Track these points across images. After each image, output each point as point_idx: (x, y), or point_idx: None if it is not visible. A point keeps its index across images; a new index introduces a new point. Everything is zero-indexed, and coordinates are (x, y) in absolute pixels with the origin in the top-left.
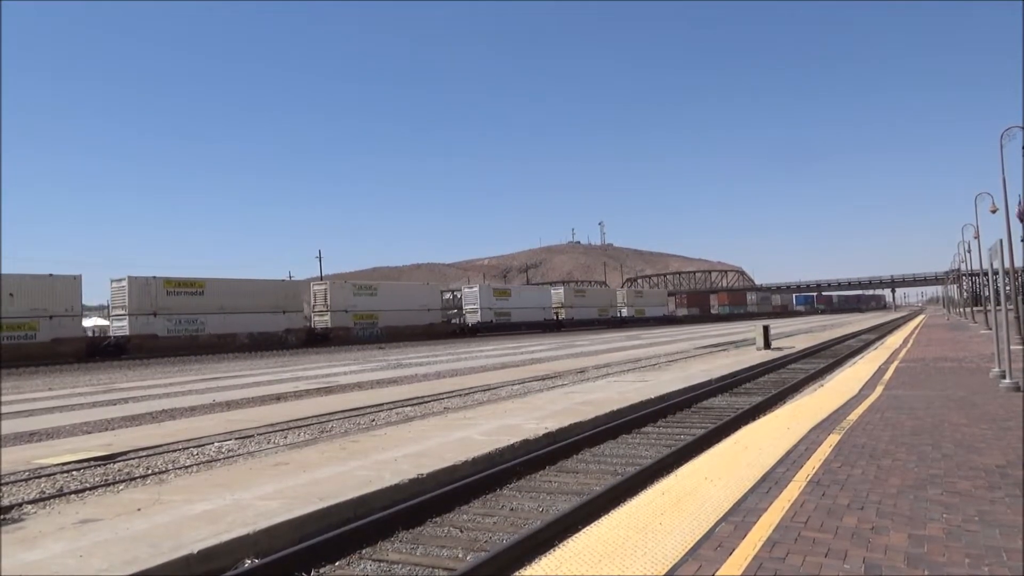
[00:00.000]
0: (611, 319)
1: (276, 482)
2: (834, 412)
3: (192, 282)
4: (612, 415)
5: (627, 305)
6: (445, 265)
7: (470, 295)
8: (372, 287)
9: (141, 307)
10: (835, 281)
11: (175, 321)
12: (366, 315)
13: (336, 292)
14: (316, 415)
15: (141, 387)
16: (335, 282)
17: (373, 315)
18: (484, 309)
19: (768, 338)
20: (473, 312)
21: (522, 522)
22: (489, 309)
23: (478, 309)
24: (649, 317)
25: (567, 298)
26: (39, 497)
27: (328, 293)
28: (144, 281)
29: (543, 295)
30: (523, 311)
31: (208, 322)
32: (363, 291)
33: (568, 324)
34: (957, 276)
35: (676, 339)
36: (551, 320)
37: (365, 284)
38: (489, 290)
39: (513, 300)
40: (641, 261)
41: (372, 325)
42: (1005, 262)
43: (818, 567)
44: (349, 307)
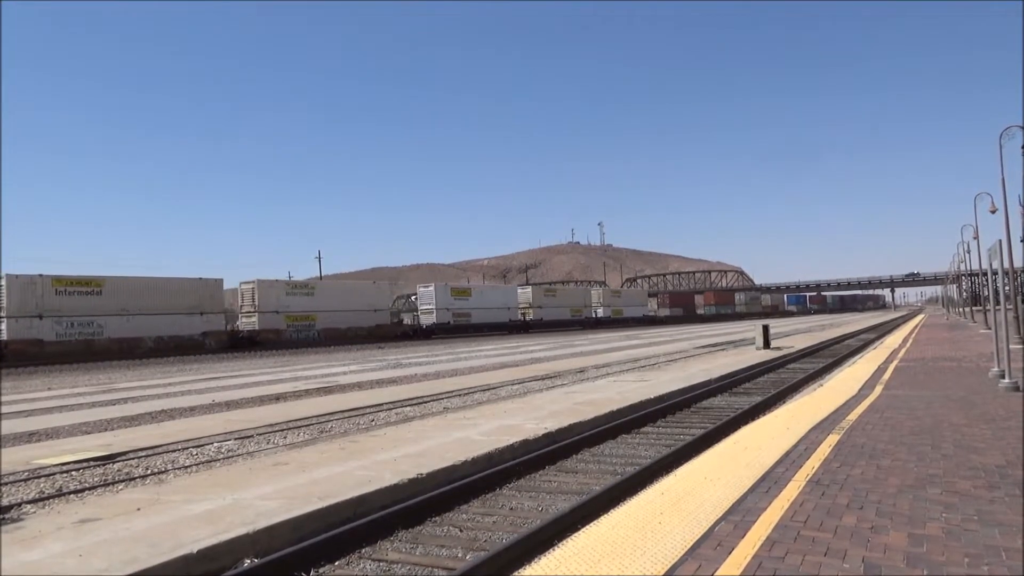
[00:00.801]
0: (585, 320)
1: (276, 482)
2: (833, 412)
3: (88, 280)
4: (612, 415)
5: (603, 305)
6: (445, 265)
7: (425, 295)
8: (309, 286)
9: (23, 308)
10: (835, 281)
11: (66, 324)
12: (301, 316)
13: (265, 292)
14: (315, 415)
15: (140, 387)
16: (264, 281)
17: (310, 316)
18: (440, 310)
19: (768, 338)
20: (428, 313)
21: (522, 522)
22: (446, 310)
23: (433, 310)
24: (628, 318)
25: (535, 298)
26: (38, 497)
27: (256, 293)
28: (28, 279)
29: (508, 294)
30: (486, 312)
31: (107, 325)
32: (298, 291)
33: (536, 326)
34: (956, 276)
35: (675, 339)
36: (517, 321)
37: (301, 283)
38: (446, 289)
39: (474, 300)
40: (641, 261)
41: (308, 327)
42: (1004, 262)
43: (817, 566)
44: (281, 308)
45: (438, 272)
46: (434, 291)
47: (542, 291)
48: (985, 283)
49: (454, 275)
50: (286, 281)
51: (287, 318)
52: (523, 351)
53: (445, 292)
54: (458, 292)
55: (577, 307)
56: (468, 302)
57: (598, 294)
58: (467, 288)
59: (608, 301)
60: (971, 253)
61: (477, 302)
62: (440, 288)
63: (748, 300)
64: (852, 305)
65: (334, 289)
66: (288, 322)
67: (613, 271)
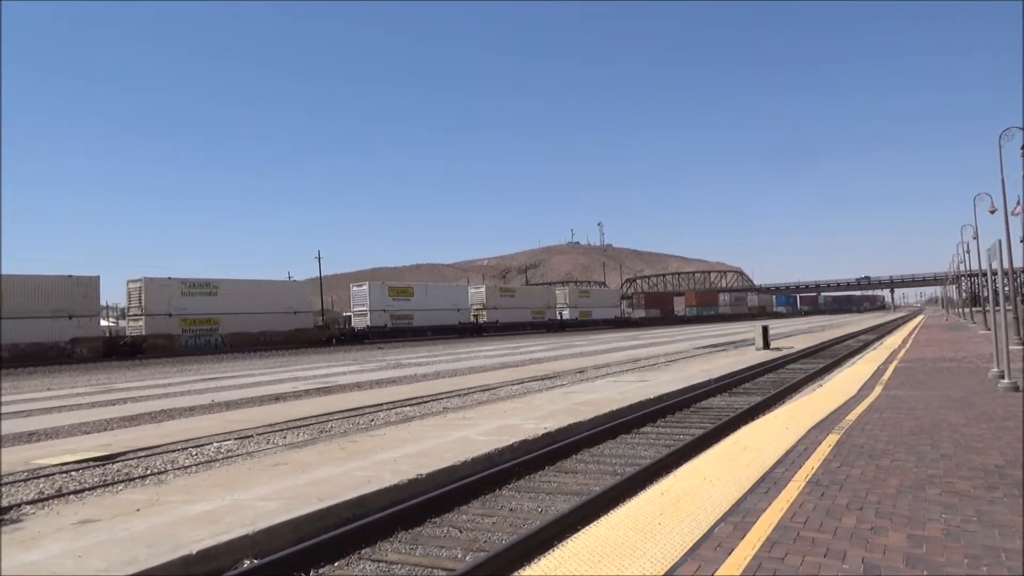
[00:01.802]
0: (547, 322)
1: (275, 482)
2: (833, 412)
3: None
4: (611, 415)
5: (569, 306)
6: (444, 266)
7: (358, 294)
8: (211, 285)
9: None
10: (834, 281)
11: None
12: (201, 320)
13: (155, 292)
14: (315, 415)
15: (140, 387)
16: (153, 279)
17: (211, 320)
18: (376, 312)
19: (767, 338)
20: (362, 315)
21: (521, 522)
22: (383, 311)
23: (367, 311)
24: (597, 320)
25: (490, 298)
26: (38, 497)
27: (143, 293)
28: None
29: (458, 294)
30: (431, 313)
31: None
32: (196, 290)
33: (491, 328)
34: (956, 277)
35: (675, 339)
36: (468, 324)
37: (201, 282)
38: (383, 288)
39: (417, 300)
40: (640, 261)
41: (210, 332)
42: (1004, 263)
43: (817, 567)
44: (175, 310)
45: (438, 272)
46: (368, 290)
47: (497, 290)
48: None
49: (454, 275)
50: (182, 280)
51: (182, 321)
52: (523, 351)
53: (382, 291)
54: (398, 291)
55: (539, 308)
56: (410, 303)
57: (563, 294)
58: (408, 287)
59: (575, 302)
60: (971, 253)
61: (420, 302)
62: (375, 287)
63: (733, 301)
64: (847, 306)
65: (243, 288)
66: (184, 326)
67: (613, 271)
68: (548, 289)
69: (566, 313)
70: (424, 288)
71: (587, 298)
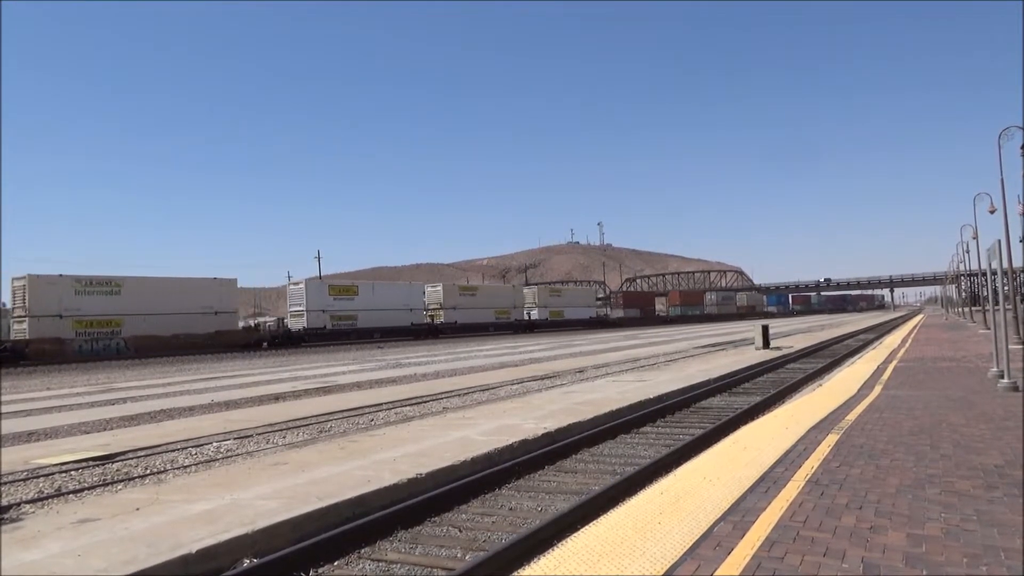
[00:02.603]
0: (513, 323)
1: (275, 482)
2: (833, 412)
3: None
4: (611, 415)
5: (539, 306)
6: (444, 265)
7: (295, 293)
8: (112, 283)
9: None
10: (834, 281)
11: None
12: (100, 322)
13: (42, 291)
14: (315, 415)
15: (139, 387)
16: (40, 276)
17: (113, 321)
18: (314, 312)
19: (767, 338)
20: (299, 315)
21: (521, 522)
22: (322, 312)
23: (304, 312)
24: (570, 320)
25: (448, 297)
26: (37, 497)
27: (27, 292)
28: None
29: (410, 293)
30: (379, 314)
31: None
32: (94, 288)
33: (448, 329)
34: (956, 276)
35: (674, 339)
36: (421, 325)
37: (101, 279)
38: (322, 287)
39: (362, 299)
40: (640, 261)
41: (110, 335)
42: (1003, 262)
43: (817, 566)
44: (68, 310)
45: (438, 272)
46: (305, 289)
47: (457, 289)
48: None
49: (454, 275)
50: (76, 277)
51: (76, 324)
52: (522, 351)
53: (321, 290)
54: (339, 290)
55: (503, 308)
56: (353, 302)
57: (532, 293)
58: (352, 285)
59: (545, 301)
60: (970, 253)
61: (366, 302)
62: (313, 285)
63: (721, 300)
64: (842, 306)
65: (152, 286)
66: (78, 329)
67: (612, 271)
68: (514, 288)
69: (535, 313)
70: (371, 286)
71: (558, 297)
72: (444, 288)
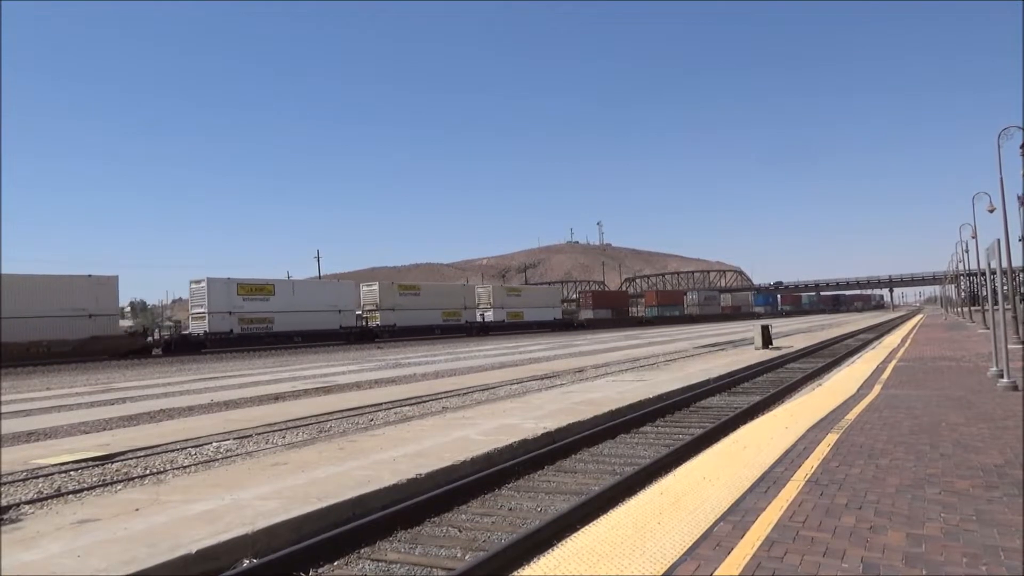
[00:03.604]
0: (464, 325)
1: (274, 482)
2: (832, 411)
3: None
4: (611, 415)
5: (494, 306)
6: (444, 265)
7: (197, 292)
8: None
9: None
10: (833, 281)
11: None
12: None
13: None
14: (314, 415)
15: (139, 387)
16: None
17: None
18: (218, 314)
19: (767, 338)
20: (200, 318)
21: (521, 522)
22: (229, 314)
23: (206, 314)
24: (530, 322)
25: (386, 297)
26: (37, 497)
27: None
28: None
29: (340, 293)
30: (299, 316)
31: None
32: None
33: (386, 333)
34: (955, 276)
35: (674, 339)
36: (353, 328)
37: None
38: (229, 286)
39: (279, 300)
40: (640, 261)
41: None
42: (1003, 262)
43: (816, 566)
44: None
45: (437, 271)
46: (206, 288)
47: (396, 288)
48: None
49: (453, 274)
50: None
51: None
52: (523, 351)
53: (227, 289)
54: (251, 289)
55: (452, 309)
56: (269, 303)
57: (486, 292)
58: (267, 284)
59: (501, 301)
60: (969, 253)
61: (285, 302)
62: (217, 283)
63: (703, 300)
64: (836, 306)
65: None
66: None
67: (612, 271)
68: (465, 287)
69: (490, 315)
70: (290, 285)
71: (517, 297)
72: (380, 287)
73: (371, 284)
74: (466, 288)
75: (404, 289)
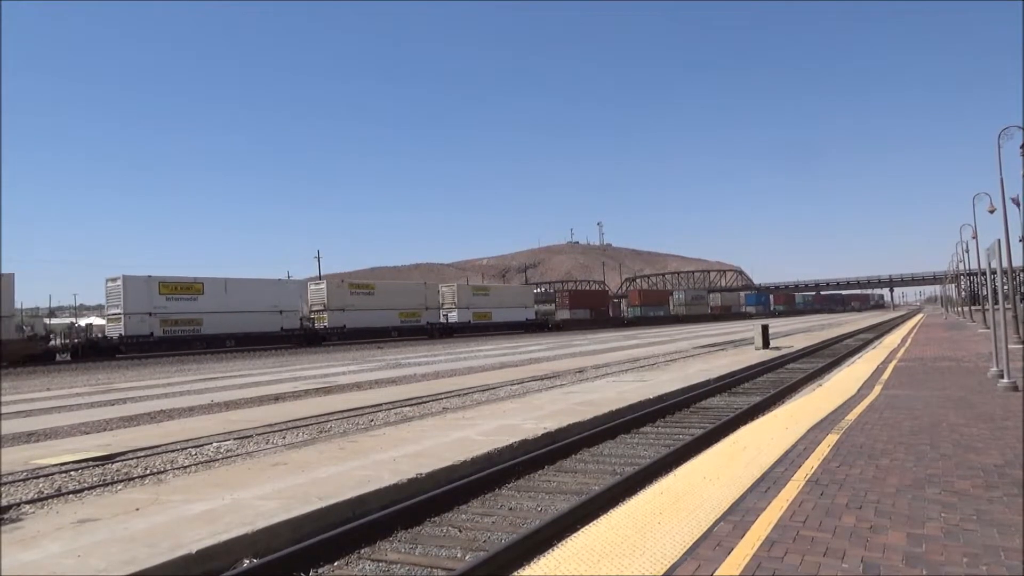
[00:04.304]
0: (425, 327)
1: (275, 482)
2: (832, 412)
3: None
4: (611, 415)
5: (459, 306)
6: (444, 265)
7: (113, 292)
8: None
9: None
10: (834, 281)
11: None
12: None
13: None
14: (315, 415)
15: (139, 387)
16: None
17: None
18: (136, 315)
19: (767, 338)
20: (116, 319)
21: (521, 522)
22: (148, 315)
23: (121, 315)
24: (499, 323)
25: (335, 296)
26: (37, 497)
27: None
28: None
29: (281, 292)
30: (232, 318)
31: None
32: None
33: (335, 335)
34: (955, 276)
35: (675, 339)
36: (295, 330)
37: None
38: (150, 285)
39: (209, 300)
40: (640, 261)
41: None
42: (1003, 262)
43: (816, 566)
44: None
45: (437, 272)
46: (122, 287)
47: (346, 287)
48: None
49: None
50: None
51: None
52: (522, 351)
53: (147, 288)
54: (176, 288)
55: (411, 309)
56: (197, 303)
57: (451, 292)
58: (195, 282)
59: (467, 301)
60: (970, 253)
61: (215, 302)
62: (135, 282)
63: (690, 300)
64: (831, 306)
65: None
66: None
67: (612, 271)
68: (426, 286)
69: (454, 315)
70: (222, 283)
71: (485, 297)
72: (328, 285)
73: (319, 282)
74: (428, 287)
75: (356, 288)
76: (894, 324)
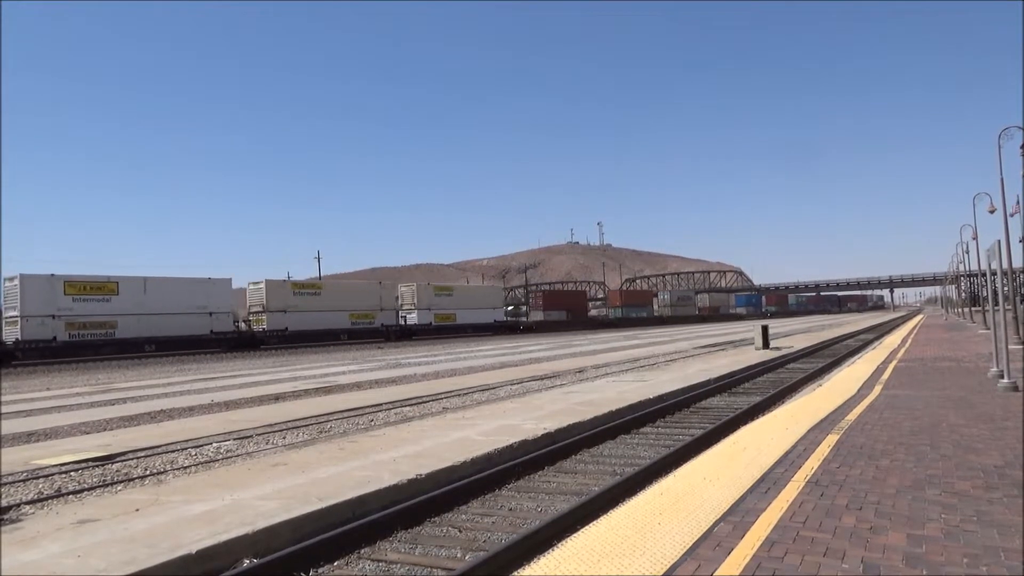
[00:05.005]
0: (379, 329)
1: (275, 482)
2: (832, 412)
3: None
4: (611, 415)
5: (419, 307)
6: (444, 265)
7: (11, 292)
8: None
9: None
10: (834, 281)
11: None
12: None
13: None
14: (315, 415)
15: (139, 387)
16: None
17: None
18: (35, 318)
19: (767, 338)
20: (13, 322)
21: (521, 522)
22: (51, 318)
23: (18, 318)
24: (464, 325)
25: (274, 297)
26: (37, 498)
27: None
28: None
29: (210, 292)
30: (152, 320)
31: None
32: None
33: (275, 338)
34: (955, 276)
35: (674, 339)
36: (227, 333)
37: None
38: (53, 285)
39: (125, 301)
40: (640, 261)
41: None
42: (1003, 263)
43: (816, 567)
44: None
45: (436, 272)
46: (19, 287)
47: (289, 287)
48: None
49: (453, 275)
50: None
51: None
52: (521, 351)
53: (49, 289)
54: (85, 287)
55: (364, 310)
56: (111, 304)
57: (411, 292)
58: (108, 282)
59: (429, 302)
60: (970, 253)
61: (133, 303)
62: (35, 282)
63: (676, 301)
64: (825, 307)
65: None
66: None
67: (612, 271)
68: (381, 285)
69: (414, 317)
70: (140, 283)
71: (448, 297)
72: (268, 285)
73: (257, 282)
74: (383, 286)
75: (299, 288)
76: (894, 325)
